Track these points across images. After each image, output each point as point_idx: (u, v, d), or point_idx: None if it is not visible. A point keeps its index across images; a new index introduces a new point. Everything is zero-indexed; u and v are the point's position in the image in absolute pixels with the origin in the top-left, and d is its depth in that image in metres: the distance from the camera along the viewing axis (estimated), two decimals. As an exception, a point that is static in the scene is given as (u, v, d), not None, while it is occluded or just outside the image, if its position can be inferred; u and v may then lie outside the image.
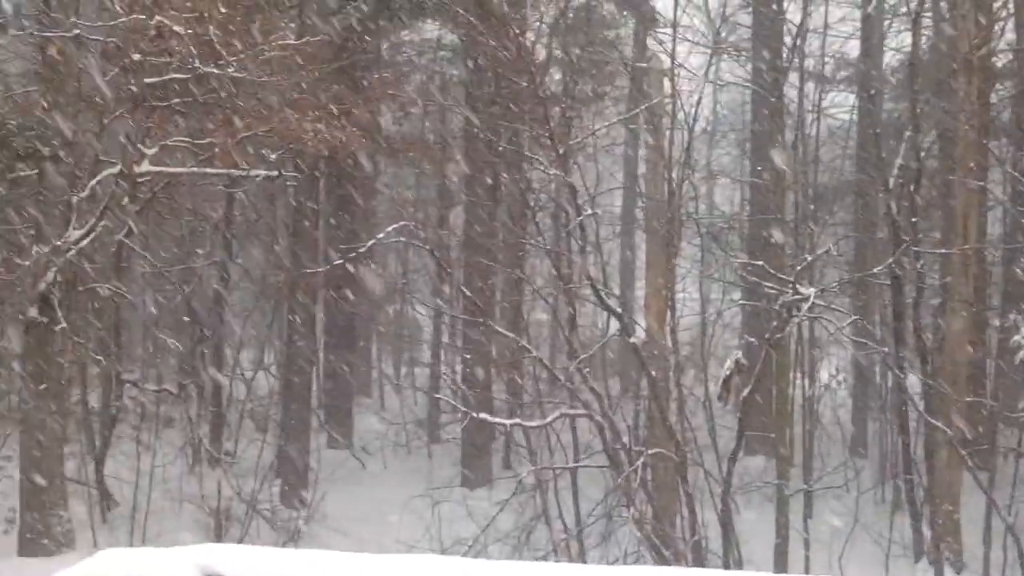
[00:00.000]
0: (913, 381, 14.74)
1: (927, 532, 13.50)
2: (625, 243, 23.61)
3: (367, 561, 3.96)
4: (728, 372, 18.49)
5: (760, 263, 15.26)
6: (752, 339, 16.48)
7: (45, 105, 13.58)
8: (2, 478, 15.32)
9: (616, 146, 22.80)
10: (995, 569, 12.97)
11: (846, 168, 20.87)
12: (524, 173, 18.68)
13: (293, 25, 15.82)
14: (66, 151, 13.52)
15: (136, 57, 13.15)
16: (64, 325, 13.33)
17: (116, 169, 13.71)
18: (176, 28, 12.89)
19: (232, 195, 17.62)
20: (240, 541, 13.14)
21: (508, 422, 14.73)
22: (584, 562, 12.91)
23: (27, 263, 13.38)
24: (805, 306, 13.98)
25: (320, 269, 16.47)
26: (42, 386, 13.23)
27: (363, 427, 20.08)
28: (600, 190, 20.18)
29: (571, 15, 21.46)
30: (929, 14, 16.37)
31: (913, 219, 15.60)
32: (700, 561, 12.63)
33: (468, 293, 15.80)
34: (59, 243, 13.31)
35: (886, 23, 20.44)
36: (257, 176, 15.54)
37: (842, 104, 21.95)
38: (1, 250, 15.45)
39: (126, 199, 14.24)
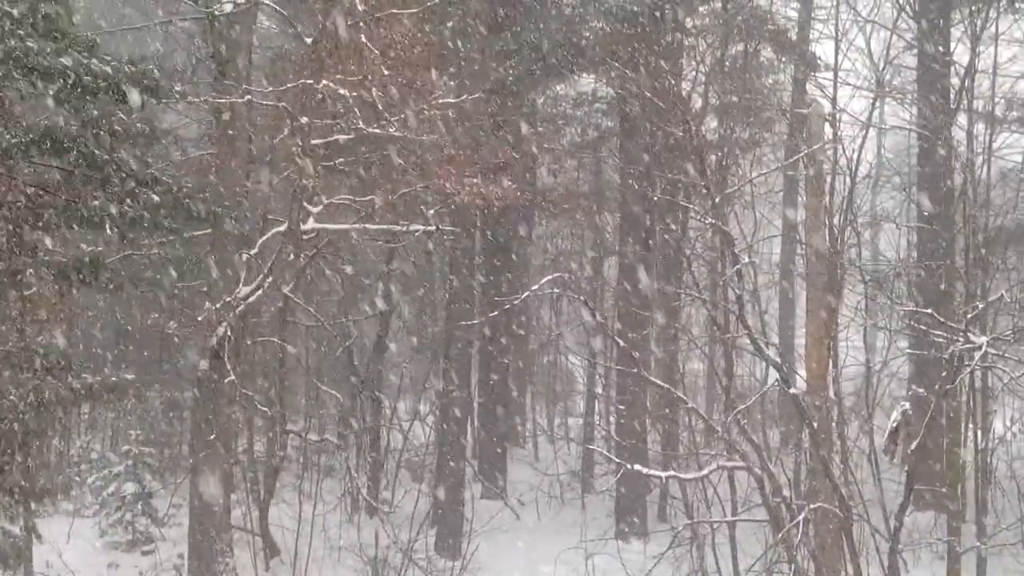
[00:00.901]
0: (1097, 434, 13.97)
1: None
2: (784, 291, 23.17)
3: None
4: (895, 424, 17.90)
5: (928, 311, 14.78)
6: (920, 390, 15.91)
7: (218, 166, 14.34)
8: (172, 525, 16.03)
9: (774, 193, 22.52)
10: None
11: (1020, 211, 20.01)
12: (679, 222, 18.69)
13: (452, 83, 16.33)
14: (237, 211, 14.13)
15: (303, 120, 13.78)
16: (233, 377, 13.93)
17: (283, 227, 14.28)
18: (341, 91, 13.52)
19: (392, 249, 18.17)
20: (397, 590, 13.38)
21: (663, 474, 14.61)
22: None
23: (200, 318, 14.04)
24: (977, 355, 13.48)
25: (476, 321, 16.79)
26: (211, 436, 13.79)
27: (517, 477, 20.21)
28: (758, 238, 19.99)
29: (728, 62, 21.42)
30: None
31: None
32: (866, 620, 12.19)
33: (622, 343, 15.82)
34: (229, 299, 13.91)
35: (1061, 61, 19.67)
36: (416, 231, 15.99)
37: (1014, 145, 21.13)
38: (177, 306, 16.35)
39: (292, 255, 14.81)
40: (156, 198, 12.33)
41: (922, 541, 14.32)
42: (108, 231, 11.81)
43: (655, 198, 18.55)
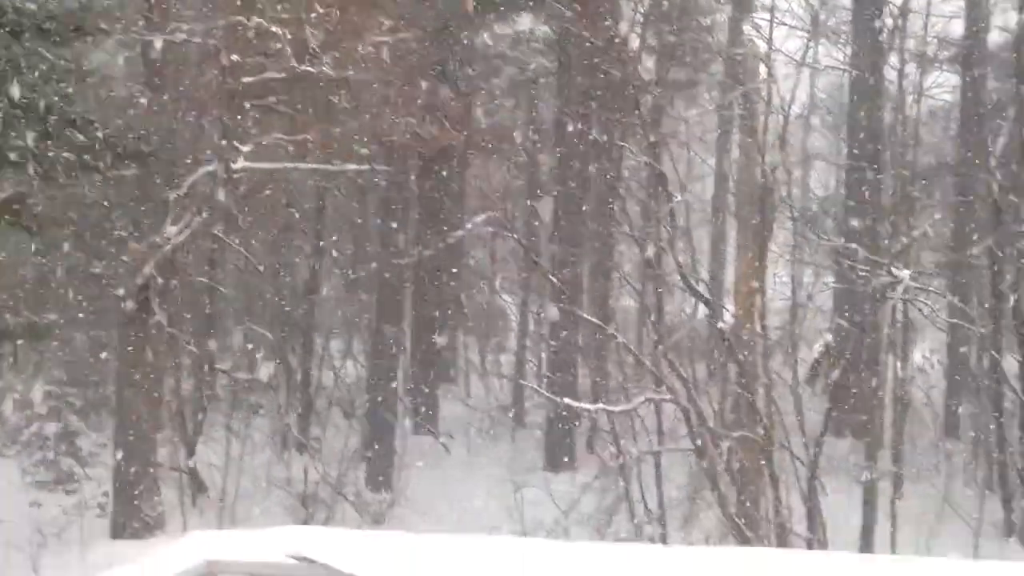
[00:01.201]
0: (1010, 362, 14.74)
1: (1019, 511, 13.53)
2: (716, 229, 23.81)
3: (448, 541, 4.27)
4: (818, 355, 18.63)
5: (854, 246, 15.42)
6: (843, 322, 16.60)
7: (146, 105, 14.45)
8: (97, 464, 16.26)
9: (709, 133, 23.02)
10: (1089, 550, 12.93)
11: (947, 149, 20.72)
12: (615, 162, 19.12)
13: (388, 22, 16.51)
14: (166, 150, 14.26)
15: (235, 58, 13.90)
16: (160, 317, 14.17)
17: (213, 166, 14.42)
18: (273, 29, 13.67)
19: (324, 189, 18.39)
20: (325, 524, 13.75)
21: (592, 407, 15.22)
22: (665, 544, 13.25)
23: (126, 258, 14.22)
24: (899, 288, 14.15)
25: (409, 259, 17.15)
26: (136, 375, 14.02)
27: (448, 413, 20.79)
28: (691, 177, 20.53)
29: (666, 3, 21.70)
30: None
31: (1014, 199, 15.57)
32: (784, 543, 12.86)
33: (555, 280, 16.26)
34: (157, 239, 14.11)
35: (991, 1, 20.21)
36: (349, 170, 16.20)
37: (944, 84, 21.77)
38: (102, 246, 16.47)
39: (222, 195, 14.99)
40: (82, 137, 12.49)
41: (841, 466, 15.04)
42: (32, 172, 11.97)
43: (591, 137, 18.95)
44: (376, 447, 17.02)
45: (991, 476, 15.52)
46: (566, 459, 17.99)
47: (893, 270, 13.80)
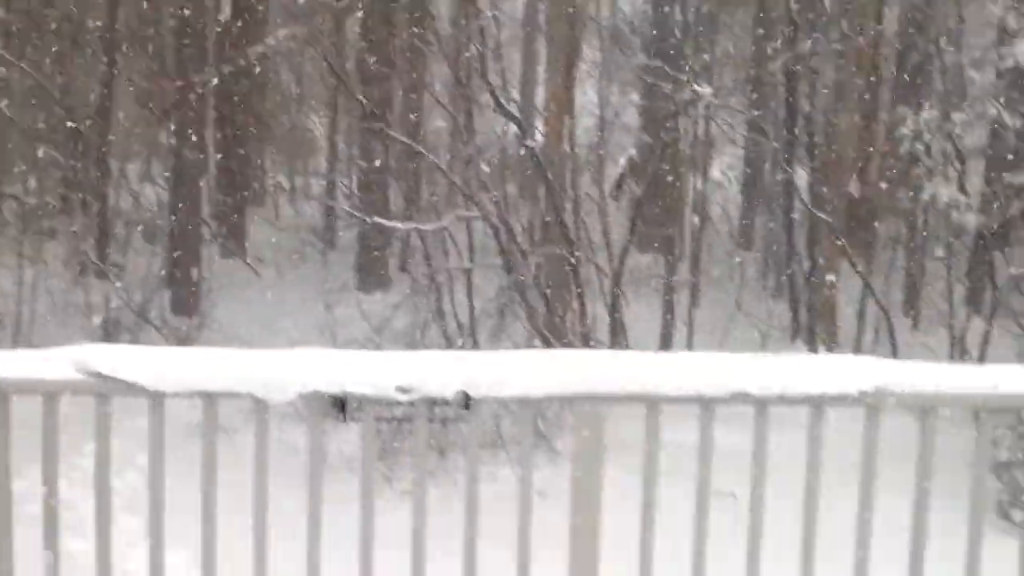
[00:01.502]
0: (801, 176, 15.44)
1: (804, 315, 14.45)
2: (526, 47, 23.71)
3: (249, 354, 4.11)
4: (621, 172, 19.05)
5: (659, 64, 15.64)
6: (648, 138, 16.95)
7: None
8: None
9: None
10: (865, 347, 13.92)
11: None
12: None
13: None
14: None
15: None
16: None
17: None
18: None
19: (115, 4, 17.29)
20: (128, 348, 13.38)
21: (403, 225, 15.23)
22: (476, 353, 13.56)
23: None
24: (700, 105, 14.51)
25: (209, 77, 16.41)
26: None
27: (258, 237, 20.40)
28: (502, -6, 20.18)
29: None
30: None
31: (810, 17, 15.98)
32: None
33: (364, 100, 15.93)
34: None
35: None
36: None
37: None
38: None
39: (2, 9, 13.94)
40: None
41: (642, 279, 15.63)
42: None
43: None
44: (181, 272, 16.59)
45: (780, 284, 16.46)
46: (378, 278, 18.03)
47: (695, 87, 14.11)
